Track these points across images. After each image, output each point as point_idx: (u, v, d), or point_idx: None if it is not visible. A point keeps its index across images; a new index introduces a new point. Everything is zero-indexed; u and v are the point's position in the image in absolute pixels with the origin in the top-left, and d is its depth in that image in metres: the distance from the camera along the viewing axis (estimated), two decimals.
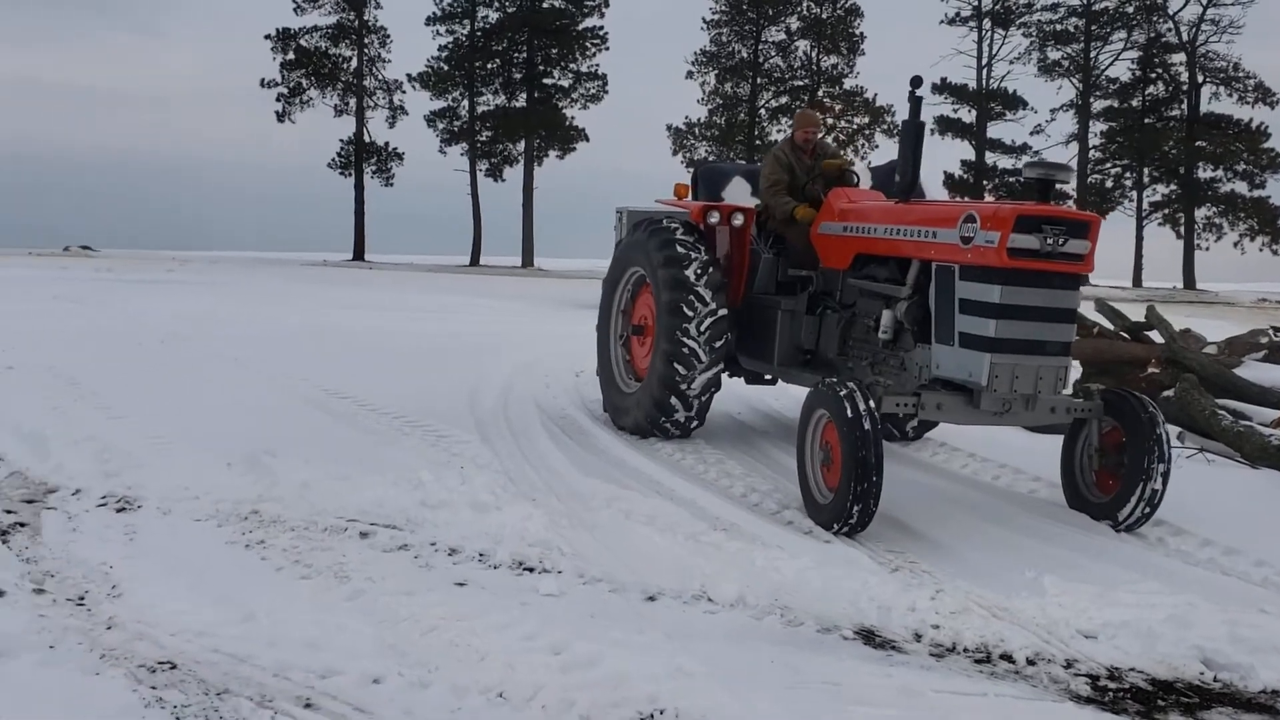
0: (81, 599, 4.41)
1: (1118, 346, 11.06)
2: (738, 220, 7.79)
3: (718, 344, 7.54)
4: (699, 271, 7.55)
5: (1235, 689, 4.13)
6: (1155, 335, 11.30)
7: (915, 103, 6.35)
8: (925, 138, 6.55)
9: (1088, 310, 10.56)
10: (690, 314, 7.46)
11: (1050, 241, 5.61)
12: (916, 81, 6.38)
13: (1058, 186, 6.40)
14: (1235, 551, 5.76)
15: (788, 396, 9.64)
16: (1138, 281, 53.98)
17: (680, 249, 7.63)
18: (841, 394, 5.71)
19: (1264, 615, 4.80)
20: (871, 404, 5.68)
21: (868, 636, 4.46)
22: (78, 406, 8.10)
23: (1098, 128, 54.56)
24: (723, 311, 7.55)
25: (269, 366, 10.93)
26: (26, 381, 9.12)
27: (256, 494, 5.84)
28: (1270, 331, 13.15)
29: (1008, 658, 4.31)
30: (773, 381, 8.37)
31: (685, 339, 7.45)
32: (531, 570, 5.00)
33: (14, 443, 6.77)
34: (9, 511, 5.55)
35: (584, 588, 4.82)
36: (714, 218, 7.75)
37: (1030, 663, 4.27)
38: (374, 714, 3.54)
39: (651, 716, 3.61)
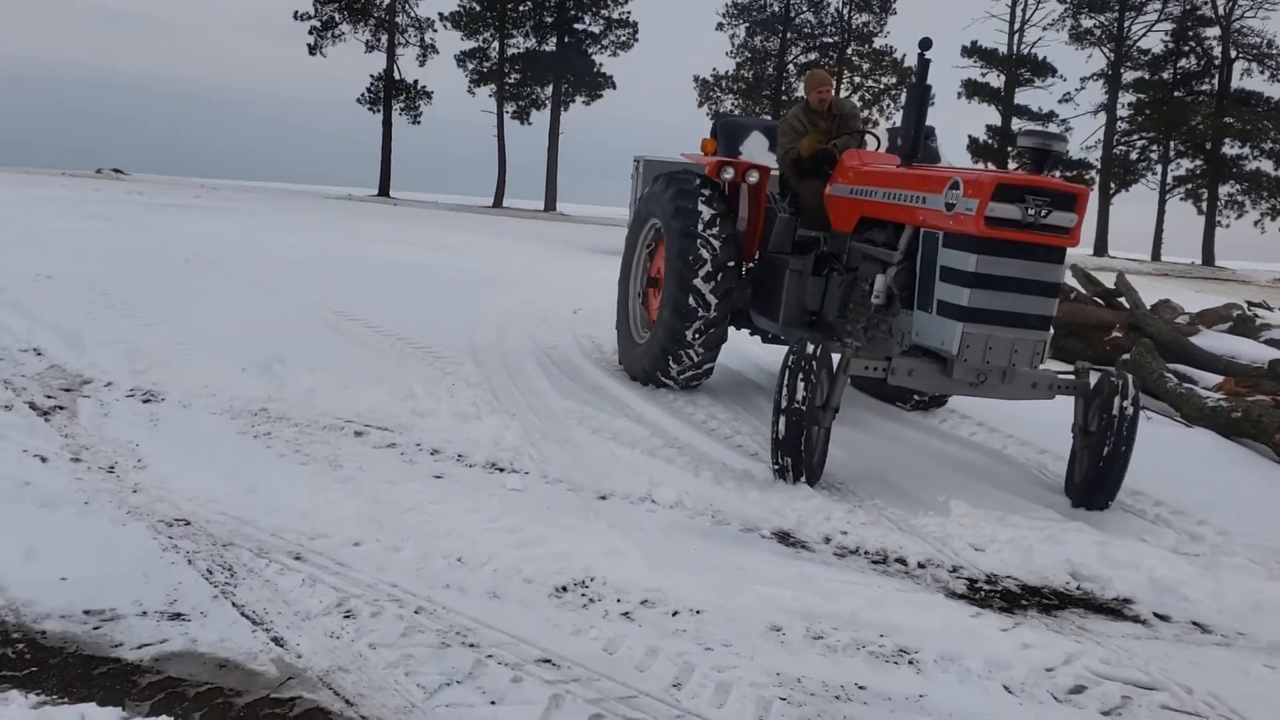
0: (111, 468, 5.17)
1: (1088, 311, 11.66)
2: (752, 177, 7.66)
3: (725, 295, 7.50)
4: (709, 223, 7.50)
5: (1092, 595, 4.82)
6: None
7: (922, 65, 6.32)
8: (930, 101, 6.47)
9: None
10: (697, 264, 7.43)
11: (1032, 212, 5.51)
12: (925, 43, 6.34)
13: (1057, 155, 6.18)
14: (1138, 493, 6.41)
15: None
16: (1156, 255, 54.09)
17: (693, 201, 7.59)
18: (807, 350, 5.80)
19: (1141, 543, 5.47)
20: (831, 362, 5.77)
21: (783, 537, 5.17)
22: (110, 313, 8.86)
23: (1126, 99, 54.44)
24: (731, 264, 7.52)
25: (287, 288, 11.66)
26: (64, 290, 9.88)
27: (266, 394, 6.60)
28: (1243, 305, 13.72)
29: (901, 561, 5.01)
30: (785, 340, 7.99)
31: (692, 288, 7.43)
32: (502, 470, 5.72)
33: (53, 340, 7.56)
34: (49, 397, 6.32)
35: (545, 486, 5.54)
36: (728, 174, 7.63)
37: (920, 566, 4.98)
38: (351, 567, 4.27)
39: (583, 582, 4.33)
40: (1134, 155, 54.81)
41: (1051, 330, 5.93)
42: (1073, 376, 6.18)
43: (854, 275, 7.04)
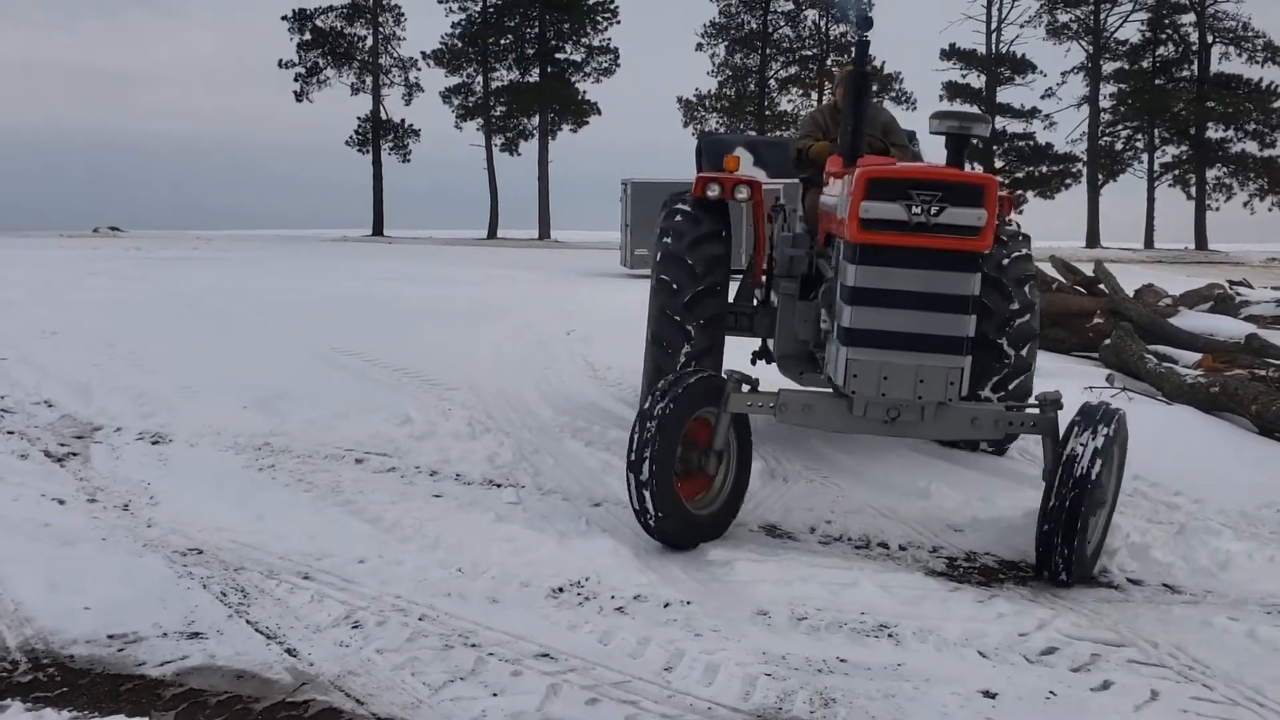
0: (126, 506, 5.43)
1: (1069, 299, 11.91)
2: (741, 194, 6.67)
3: (710, 324, 6.54)
4: (692, 244, 6.59)
5: None
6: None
7: (861, 49, 5.42)
8: (872, 90, 5.83)
9: (1045, 267, 11.38)
10: (677, 289, 6.51)
11: (919, 210, 4.67)
12: (864, 23, 5.61)
13: (975, 141, 5.64)
14: None
15: None
16: (1149, 243, 54.32)
17: (679, 221, 6.71)
18: (660, 384, 5.11)
19: (1117, 515, 5.69)
20: (672, 395, 4.95)
21: (770, 529, 5.41)
22: (116, 363, 9.12)
23: (1108, 90, 54.86)
24: (719, 288, 6.60)
25: (286, 329, 11.92)
26: (70, 343, 10.14)
27: (269, 429, 6.86)
28: (1224, 285, 13.98)
29: (884, 545, 5.25)
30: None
31: (672, 316, 6.51)
32: (499, 486, 5.97)
33: (63, 391, 7.84)
34: (62, 444, 6.59)
35: (540, 497, 5.78)
36: (713, 190, 6.67)
37: (902, 548, 5.21)
38: (357, 582, 4.51)
39: (578, 582, 4.57)
40: (1119, 145, 55.19)
41: (968, 355, 4.91)
42: (1035, 410, 5.05)
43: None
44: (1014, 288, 6.59)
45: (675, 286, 6.57)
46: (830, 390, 5.22)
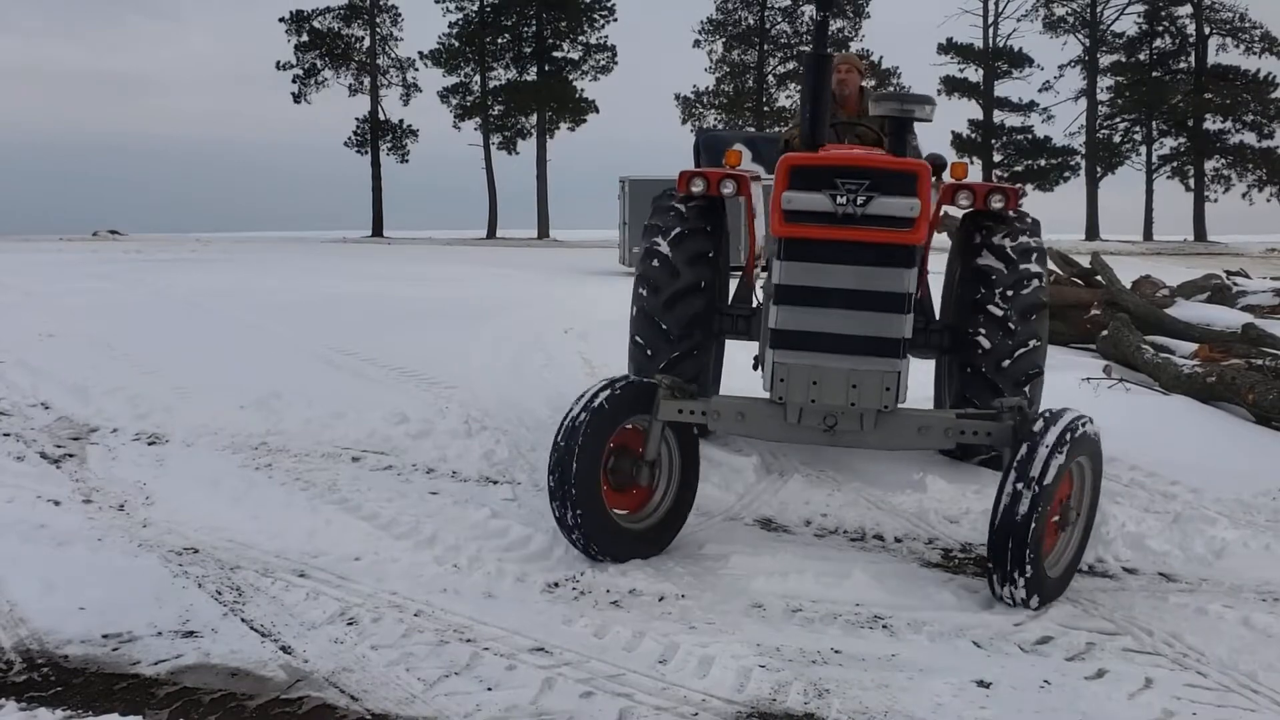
0: (121, 506, 5.44)
1: (1066, 291, 11.91)
2: (727, 189, 6.16)
3: (690, 324, 6.12)
4: (674, 240, 6.20)
5: None
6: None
7: (821, 29, 5.05)
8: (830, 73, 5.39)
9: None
10: (657, 286, 6.16)
11: (844, 200, 4.40)
12: (824, 2, 5.24)
13: (917, 124, 5.35)
14: (1113, 459, 6.60)
15: None
16: (1149, 235, 54.34)
17: (661, 217, 6.36)
18: (617, 388, 4.78)
19: (1114, 504, 5.69)
20: (598, 402, 4.65)
21: (765, 523, 5.41)
22: (113, 365, 9.12)
23: (1105, 83, 54.88)
24: (701, 285, 6.17)
25: (283, 330, 11.91)
26: (67, 346, 10.14)
27: (265, 429, 6.87)
28: (1222, 275, 13.97)
29: (879, 537, 5.26)
30: None
31: (650, 315, 6.16)
32: (495, 483, 5.97)
33: (60, 393, 7.84)
34: (58, 446, 6.59)
35: (537, 494, 5.76)
36: (698, 185, 6.18)
37: (898, 540, 5.22)
38: (352, 580, 4.51)
39: (573, 577, 4.59)
40: (1117, 138, 55.23)
41: (905, 358, 4.64)
42: (989, 419, 4.63)
43: None
44: (1019, 258, 6.07)
45: (654, 284, 6.17)
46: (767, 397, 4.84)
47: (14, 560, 4.58)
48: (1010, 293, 5.97)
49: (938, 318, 6.53)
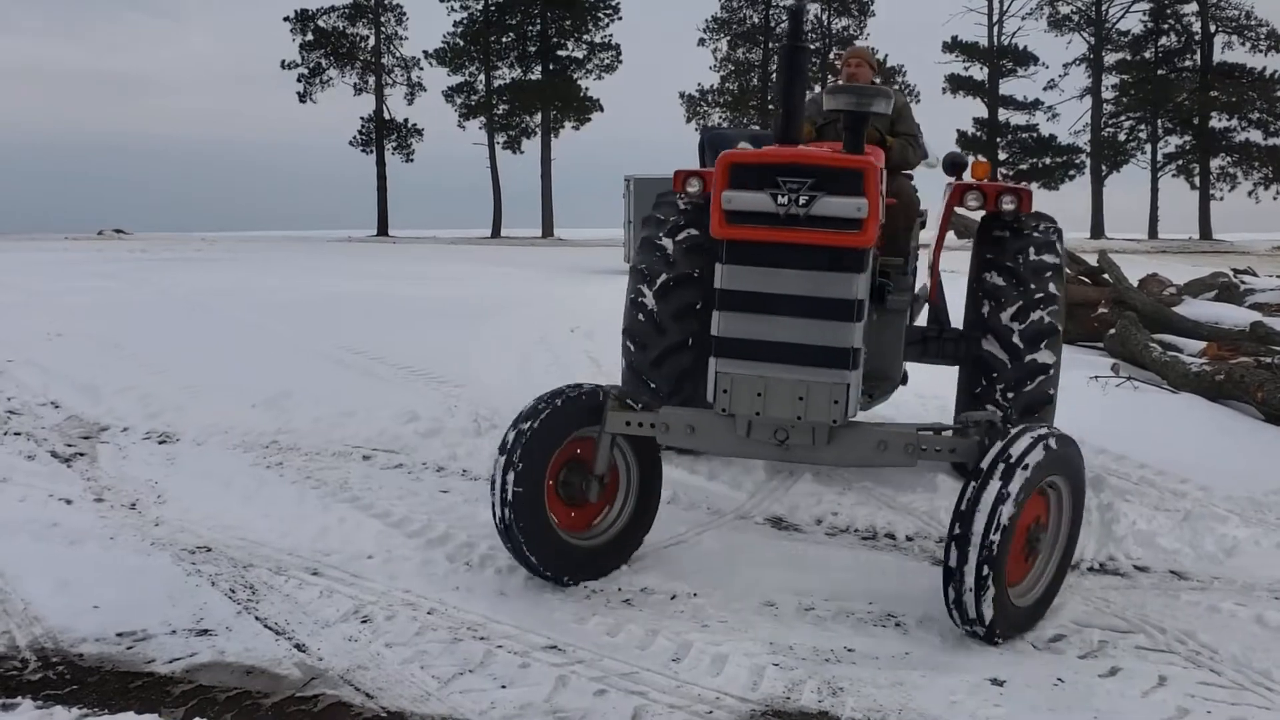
0: (133, 505, 5.45)
1: (1073, 289, 11.88)
2: None
3: (683, 316, 6.05)
4: (671, 229, 6.21)
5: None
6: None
7: (795, 19, 4.70)
8: (809, 66, 4.97)
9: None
10: (651, 278, 6.10)
11: (785, 200, 4.11)
12: None
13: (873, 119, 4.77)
14: (1122, 456, 6.63)
15: None
16: (1153, 233, 54.24)
17: (663, 210, 6.35)
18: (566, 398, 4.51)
19: (1124, 502, 5.69)
20: (543, 413, 4.39)
21: (776, 522, 5.42)
22: (122, 364, 9.14)
23: (1110, 81, 54.80)
24: (696, 274, 6.05)
25: (291, 329, 11.93)
26: (75, 345, 10.17)
27: (276, 428, 6.88)
28: (1229, 273, 13.95)
29: (890, 535, 5.26)
30: None
31: (644, 305, 6.10)
32: None
33: (70, 392, 7.86)
34: (69, 445, 6.61)
35: None
36: (693, 186, 6.13)
37: (909, 539, 5.22)
38: (365, 578, 4.52)
39: None
40: (1122, 136, 55.13)
41: (856, 369, 4.28)
42: (951, 434, 4.31)
43: None
44: (1030, 277, 5.86)
45: (647, 273, 6.10)
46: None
47: (27, 559, 4.60)
48: (1020, 317, 5.77)
49: (954, 324, 6.39)
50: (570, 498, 4.56)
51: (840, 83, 6.33)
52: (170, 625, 4.01)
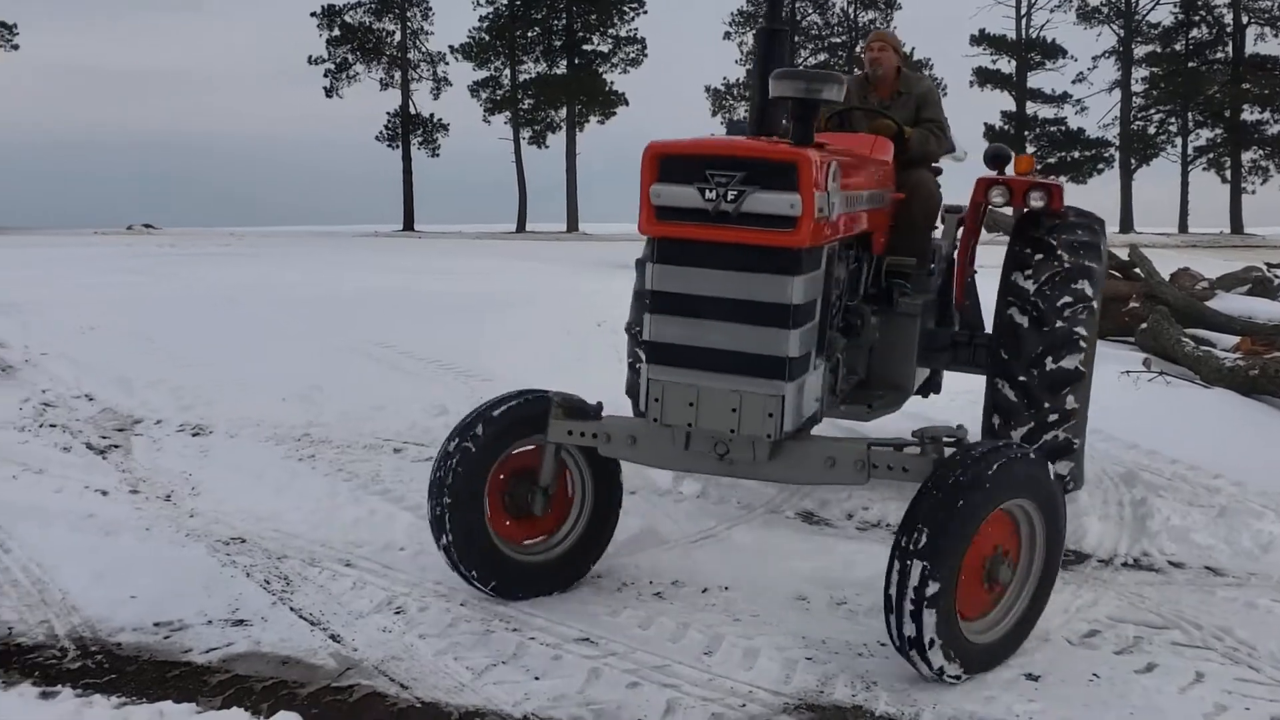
0: (168, 497, 5.51)
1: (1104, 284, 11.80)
2: None
3: None
4: None
5: (1112, 552, 5.01)
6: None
7: (772, 1, 4.53)
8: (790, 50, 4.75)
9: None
10: None
11: (713, 195, 3.75)
12: None
13: (825, 107, 4.68)
14: (1154, 452, 6.57)
15: None
16: (1184, 227, 53.70)
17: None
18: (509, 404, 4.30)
19: (1157, 498, 5.64)
20: (482, 420, 4.21)
21: (806, 516, 5.41)
22: (154, 357, 9.22)
23: (1140, 74, 54.19)
24: None
25: (319, 323, 11.98)
26: (108, 339, 10.26)
27: (307, 421, 6.94)
28: (1262, 267, 13.80)
29: None
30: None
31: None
32: None
33: (103, 386, 7.95)
34: (104, 437, 6.68)
35: None
36: None
37: None
38: (397, 569, 4.56)
39: (616, 570, 4.59)
40: (1152, 129, 54.56)
41: (792, 380, 3.85)
42: (907, 453, 3.87)
43: None
44: (1055, 313, 5.27)
45: None
46: None
47: (64, 549, 4.66)
48: (1038, 364, 5.25)
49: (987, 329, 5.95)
50: (517, 510, 4.35)
51: (863, 72, 6.15)
52: (206, 615, 4.06)
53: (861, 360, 5.08)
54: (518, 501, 4.34)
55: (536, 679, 3.60)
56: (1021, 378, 5.26)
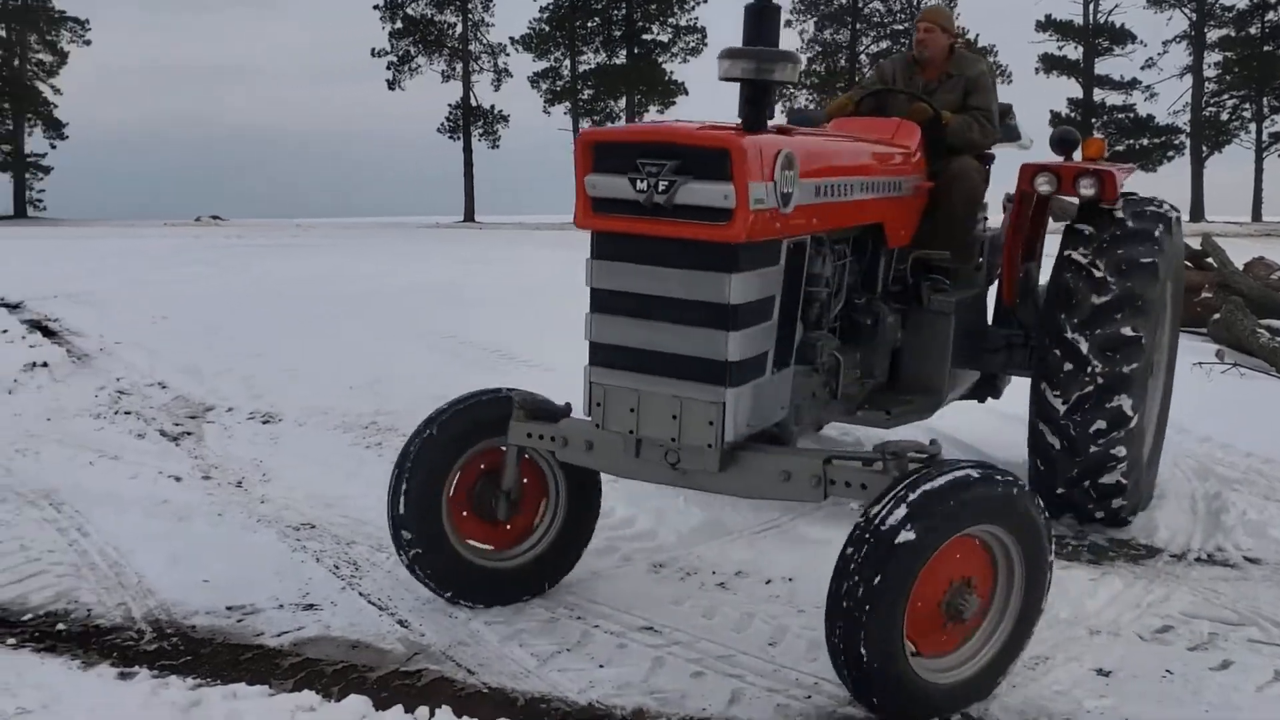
0: (239, 483, 5.61)
1: None
2: None
3: None
4: None
5: (1185, 545, 4.92)
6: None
7: None
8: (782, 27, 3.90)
9: None
10: None
11: (645, 186, 3.44)
12: None
13: (785, 89, 4.24)
14: (1228, 445, 6.43)
15: None
16: (1258, 216, 52.38)
17: None
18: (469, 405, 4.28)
19: (1231, 491, 5.52)
20: (440, 421, 4.19)
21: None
22: (224, 347, 9.43)
23: (1212, 58, 52.84)
24: None
25: (383, 313, 12.17)
26: (179, 329, 10.51)
27: (374, 409, 7.04)
28: None
29: None
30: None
31: None
32: None
33: (175, 374, 8.14)
34: (176, 424, 6.84)
35: None
36: None
37: None
38: None
39: (679, 559, 4.60)
40: (1225, 115, 53.20)
41: (733, 387, 3.51)
42: (865, 467, 3.51)
43: None
44: (1097, 354, 4.83)
45: None
46: None
47: (140, 534, 4.77)
48: (1077, 409, 4.84)
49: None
50: (484, 514, 4.17)
51: (910, 53, 5.78)
52: (278, 600, 4.13)
53: (880, 362, 4.80)
54: (483, 504, 4.16)
55: (601, 667, 3.62)
56: (1069, 421, 4.86)
